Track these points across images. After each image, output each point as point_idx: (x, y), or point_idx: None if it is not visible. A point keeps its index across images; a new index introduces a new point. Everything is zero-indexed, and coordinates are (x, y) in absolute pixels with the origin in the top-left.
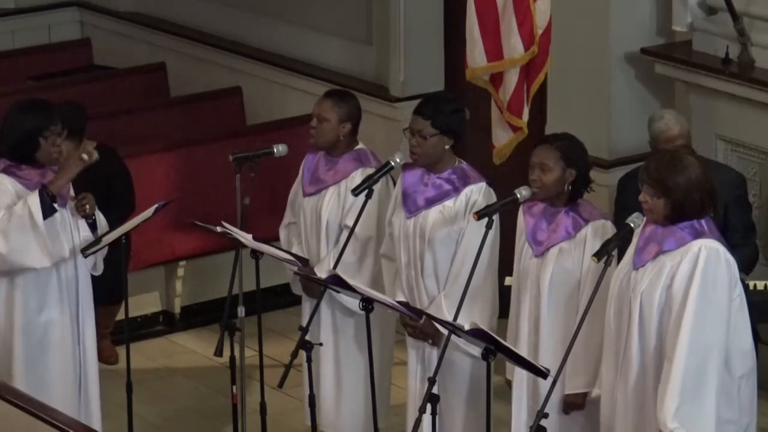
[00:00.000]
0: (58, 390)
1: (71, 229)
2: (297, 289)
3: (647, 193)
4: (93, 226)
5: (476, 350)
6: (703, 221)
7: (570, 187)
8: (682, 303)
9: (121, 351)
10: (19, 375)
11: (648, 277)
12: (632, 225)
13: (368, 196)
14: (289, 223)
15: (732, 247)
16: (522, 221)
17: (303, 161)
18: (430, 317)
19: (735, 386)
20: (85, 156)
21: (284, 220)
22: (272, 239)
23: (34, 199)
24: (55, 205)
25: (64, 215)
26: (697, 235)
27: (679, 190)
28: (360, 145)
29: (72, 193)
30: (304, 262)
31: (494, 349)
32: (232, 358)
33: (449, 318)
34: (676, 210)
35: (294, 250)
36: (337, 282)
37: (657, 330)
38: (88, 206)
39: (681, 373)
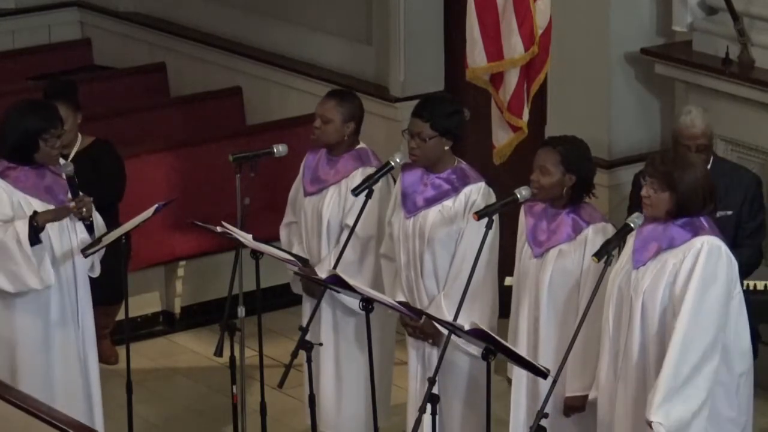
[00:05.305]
0: (62, 391)
1: (69, 230)
2: (297, 288)
3: (651, 186)
4: (90, 229)
5: (476, 350)
6: (702, 218)
7: (570, 192)
8: (680, 299)
9: (121, 351)
10: (22, 376)
11: (650, 275)
12: (632, 225)
13: (368, 196)
14: (289, 222)
15: (735, 247)
16: (523, 221)
17: (303, 160)
18: (430, 317)
19: (735, 384)
20: (76, 210)
21: (285, 220)
22: (272, 239)
23: (22, 227)
24: (41, 236)
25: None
26: (698, 231)
27: (683, 184)
28: (361, 144)
29: (69, 195)
30: (304, 262)
31: (494, 349)
32: (232, 358)
33: (449, 318)
34: (679, 205)
35: (295, 250)
36: (337, 282)
37: (659, 329)
38: (85, 209)
39: (672, 369)
